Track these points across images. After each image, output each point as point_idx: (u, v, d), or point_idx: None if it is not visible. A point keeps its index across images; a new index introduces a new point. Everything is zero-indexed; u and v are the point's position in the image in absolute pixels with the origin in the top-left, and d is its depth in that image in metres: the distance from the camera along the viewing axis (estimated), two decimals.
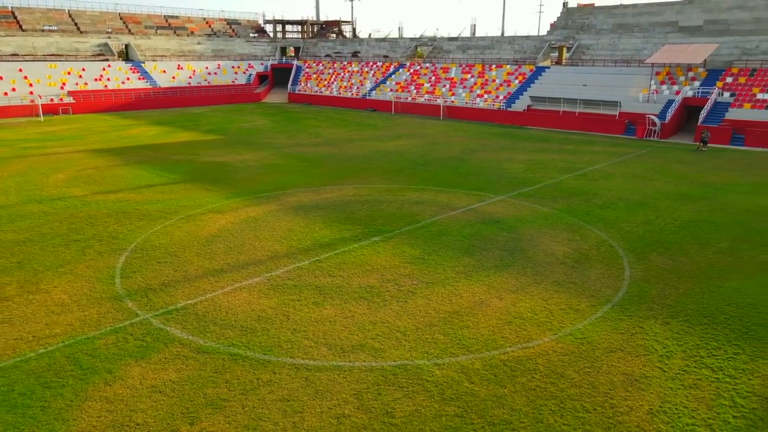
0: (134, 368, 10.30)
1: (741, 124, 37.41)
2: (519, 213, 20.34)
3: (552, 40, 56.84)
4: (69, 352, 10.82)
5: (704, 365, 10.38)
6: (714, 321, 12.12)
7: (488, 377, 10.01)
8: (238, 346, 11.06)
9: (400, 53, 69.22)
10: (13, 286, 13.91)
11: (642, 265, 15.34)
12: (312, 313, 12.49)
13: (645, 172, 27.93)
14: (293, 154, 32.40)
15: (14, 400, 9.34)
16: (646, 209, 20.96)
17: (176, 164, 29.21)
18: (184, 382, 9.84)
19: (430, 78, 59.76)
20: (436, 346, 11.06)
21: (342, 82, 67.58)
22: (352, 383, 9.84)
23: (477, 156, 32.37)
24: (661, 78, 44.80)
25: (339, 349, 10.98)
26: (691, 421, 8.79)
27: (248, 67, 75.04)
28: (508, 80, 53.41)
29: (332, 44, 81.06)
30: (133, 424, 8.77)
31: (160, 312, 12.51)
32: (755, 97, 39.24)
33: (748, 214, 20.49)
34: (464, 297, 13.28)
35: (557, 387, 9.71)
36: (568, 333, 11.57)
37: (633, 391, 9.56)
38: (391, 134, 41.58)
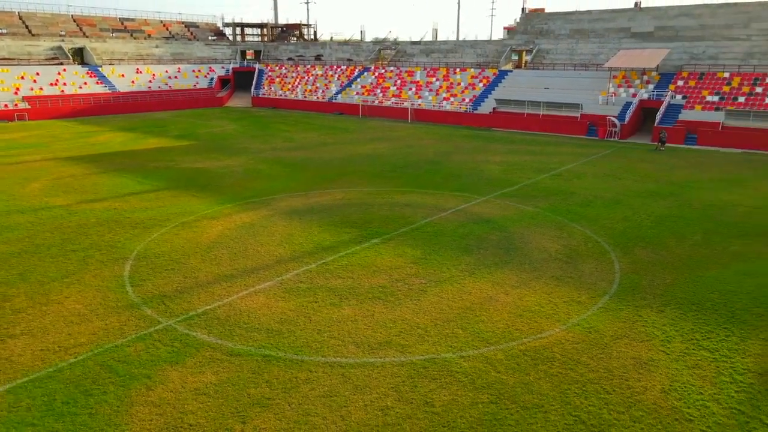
0: (171, 373, 10.54)
1: (693, 125, 39.84)
2: (506, 213, 21.30)
3: (513, 45, 58.70)
4: (101, 360, 10.94)
5: (702, 347, 11.45)
6: (702, 307, 13.28)
7: (512, 366, 10.76)
8: (268, 348, 11.43)
9: (363, 57, 69.84)
10: (22, 297, 13.78)
11: (628, 258, 16.49)
12: (332, 313, 12.96)
13: (613, 172, 29.52)
14: (272, 159, 32.53)
15: (59, 409, 9.46)
16: (622, 206, 22.31)
17: (156, 171, 28.91)
18: (225, 384, 10.17)
19: (395, 81, 60.64)
20: (458, 340, 11.74)
21: (307, 85, 67.66)
22: (387, 377, 10.40)
23: (453, 158, 33.34)
24: (618, 81, 47.09)
25: (367, 346, 11.51)
26: (700, 397, 9.77)
27: (209, 70, 74.04)
28: (472, 83, 54.86)
29: (294, 47, 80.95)
30: (186, 425, 9.06)
31: (181, 318, 12.71)
32: (705, 99, 41.83)
33: (713, 209, 22.11)
34: (473, 293, 14.02)
35: (576, 372, 10.55)
36: (575, 323, 12.47)
37: (644, 373, 10.50)
38: (363, 138, 42.15)
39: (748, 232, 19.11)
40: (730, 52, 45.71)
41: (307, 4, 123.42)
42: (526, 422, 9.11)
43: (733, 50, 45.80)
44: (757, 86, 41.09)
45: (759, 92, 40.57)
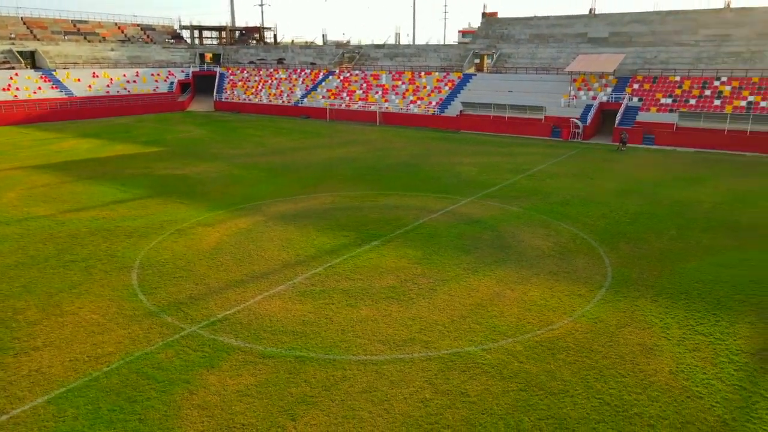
0: (209, 377, 10.80)
1: (650, 126, 42.14)
2: (493, 213, 22.23)
3: (476, 49, 60.26)
4: (135, 368, 11.08)
5: (697, 332, 12.56)
6: (690, 296, 14.46)
7: (532, 356, 11.54)
8: (298, 349, 11.82)
9: (327, 60, 70.08)
10: (33, 309, 13.64)
11: (615, 253, 17.64)
12: (351, 314, 13.44)
13: (584, 172, 31.02)
14: (250, 165, 32.53)
15: (106, 417, 9.61)
16: (599, 205, 23.63)
17: (133, 179, 28.49)
18: (266, 385, 10.52)
19: (361, 85, 61.20)
20: (476, 335, 12.45)
21: (271, 89, 67.35)
22: (419, 372, 10.99)
23: (429, 161, 34.19)
24: (578, 85, 49.16)
25: (392, 344, 12.07)
26: (704, 376, 10.80)
27: (168, 74, 72.56)
28: (438, 87, 56.03)
29: (255, 51, 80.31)
30: (238, 425, 9.39)
31: (203, 324, 12.92)
32: (659, 102, 44.28)
33: (680, 205, 23.71)
34: (480, 291, 14.78)
35: (591, 359, 11.42)
36: (581, 315, 13.40)
37: (652, 358, 11.47)
38: (336, 141, 42.53)
39: (715, 227, 20.66)
40: (680, 57, 48.49)
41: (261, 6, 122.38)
42: (557, 406, 9.88)
43: (682, 55, 48.60)
44: (706, 89, 43.81)
45: (708, 95, 43.27)
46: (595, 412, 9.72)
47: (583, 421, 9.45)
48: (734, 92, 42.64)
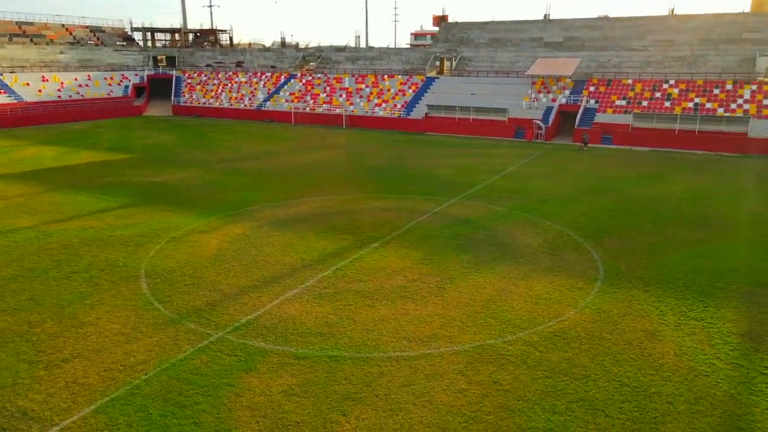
0: (251, 379, 11.13)
1: (608, 127, 44.40)
2: (480, 213, 23.19)
3: (437, 52, 61.57)
4: (173, 374, 11.27)
5: (690, 317, 13.78)
6: (676, 285, 15.76)
7: (549, 346, 12.43)
8: (329, 349, 12.28)
9: (287, 63, 69.90)
10: (49, 322, 13.51)
11: (601, 248, 18.87)
12: (371, 314, 13.99)
13: (554, 172, 32.54)
14: (229, 171, 32.40)
15: (160, 422, 9.82)
16: (576, 203, 24.99)
17: (111, 187, 27.95)
18: (309, 384, 10.95)
19: (324, 88, 61.45)
20: (494, 328, 13.24)
21: (231, 93, 66.62)
22: (450, 365, 11.67)
23: (405, 163, 34.97)
24: (537, 87, 51.14)
25: (418, 340, 12.70)
26: (705, 357, 11.96)
27: (122, 78, 70.59)
28: (402, 90, 56.98)
29: (212, 54, 79.12)
30: (292, 423, 9.81)
31: (229, 329, 13.18)
32: (614, 104, 46.71)
33: (649, 202, 25.38)
34: (487, 287, 15.61)
35: (603, 346, 12.41)
36: (584, 306, 14.42)
37: (656, 342, 12.57)
38: (309, 145, 42.74)
39: (685, 221, 22.30)
40: (631, 61, 51.24)
41: (210, 7, 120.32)
42: (583, 390, 10.77)
43: (633, 59, 51.37)
44: (656, 92, 46.53)
45: (658, 97, 45.99)
46: (618, 393, 10.67)
47: (610, 402, 10.37)
48: (682, 94, 45.49)
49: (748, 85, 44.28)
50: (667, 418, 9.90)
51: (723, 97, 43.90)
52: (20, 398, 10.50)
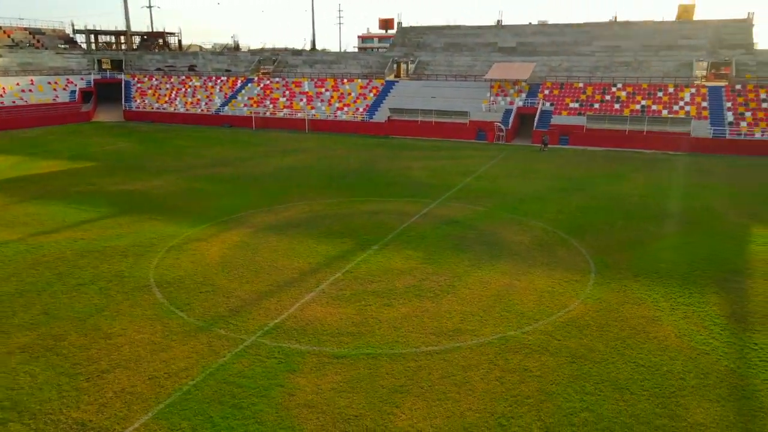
0: (298, 379, 11.61)
1: (564, 128, 46.75)
2: (465, 214, 24.26)
3: (395, 56, 62.66)
4: (220, 378, 11.59)
5: (680, 303, 15.25)
6: (661, 275, 17.28)
7: (565, 334, 13.52)
8: (364, 347, 12.89)
9: (243, 67, 69.18)
10: (74, 335, 13.44)
11: (586, 244, 20.29)
12: (393, 312, 14.68)
13: (522, 172, 34.15)
14: (203, 178, 32.16)
15: (223, 423, 10.17)
16: (551, 202, 26.51)
17: (85, 196, 27.26)
18: (355, 381, 11.54)
19: (284, 92, 61.32)
20: (510, 321, 14.22)
21: (186, 97, 65.32)
22: (480, 356, 12.54)
23: (378, 166, 35.73)
24: (495, 91, 53.09)
25: (444, 335, 13.50)
26: (702, 337, 13.37)
27: (67, 82, 67.82)
28: (363, 93, 57.70)
29: (161, 57, 77.16)
30: (351, 417, 10.39)
31: (260, 333, 13.55)
32: (569, 106, 49.20)
33: (615, 199, 27.24)
34: (493, 284, 16.61)
35: (612, 332, 13.62)
36: (586, 297, 15.65)
37: (657, 327, 13.90)
38: (276, 150, 42.76)
39: (651, 216, 24.17)
40: (581, 66, 54.04)
41: (150, 8, 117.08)
42: (605, 372, 11.88)
43: (582, 64, 54.20)
44: (606, 95, 49.36)
45: (608, 99, 48.81)
46: (636, 373, 11.85)
47: (631, 381, 11.53)
48: (629, 97, 48.48)
49: (687, 88, 47.73)
50: (683, 392, 11.13)
51: (666, 100, 47.13)
52: (72, 410, 10.57)
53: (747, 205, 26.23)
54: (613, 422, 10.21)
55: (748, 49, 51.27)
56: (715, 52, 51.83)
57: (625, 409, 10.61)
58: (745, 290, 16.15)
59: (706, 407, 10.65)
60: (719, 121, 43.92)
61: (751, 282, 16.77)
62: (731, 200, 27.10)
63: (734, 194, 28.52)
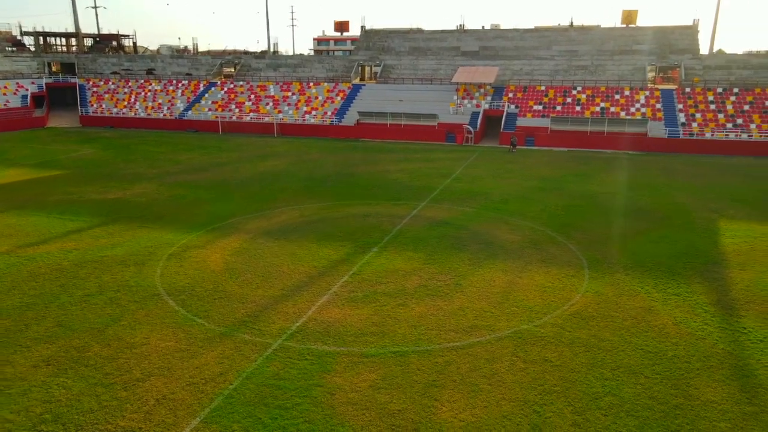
0: (333, 378, 12.03)
1: (529, 130, 48.45)
2: (453, 215, 25.08)
3: (360, 60, 63.20)
4: (257, 381, 11.88)
5: (671, 293, 16.47)
6: (647, 268, 18.53)
7: (574, 326, 14.44)
8: (390, 346, 13.42)
9: (204, 71, 68.15)
10: (96, 347, 13.39)
11: (574, 241, 21.43)
12: (408, 312, 15.25)
13: (497, 173, 35.35)
14: (183, 184, 31.81)
15: (274, 423, 10.50)
16: (532, 201, 27.69)
17: (65, 206, 26.59)
18: (389, 378, 12.06)
19: (249, 96, 60.84)
20: (521, 315, 15.05)
21: (146, 102, 63.83)
22: (501, 349, 13.28)
23: (357, 170, 36.19)
24: (461, 94, 54.40)
25: (462, 331, 14.18)
26: (697, 324, 14.56)
27: (17, 86, 65.08)
28: (330, 97, 57.95)
29: (117, 60, 75.03)
30: (394, 411, 10.91)
31: (285, 337, 13.86)
32: (532, 108, 51.01)
33: (589, 198, 28.69)
34: (496, 281, 17.43)
35: (616, 322, 14.63)
36: (585, 291, 16.67)
37: (655, 316, 15.02)
38: (250, 155, 42.57)
39: (626, 213, 25.66)
40: (541, 69, 56.08)
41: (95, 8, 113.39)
42: (618, 358, 12.84)
43: (542, 68, 56.25)
44: (567, 97, 51.45)
45: (569, 102, 50.89)
46: (645, 358, 12.85)
47: (643, 366, 12.51)
48: (589, 99, 50.71)
49: (642, 91, 50.35)
50: (691, 374, 12.20)
51: (623, 102, 49.57)
52: (118, 419, 10.66)
53: (708, 200, 28.15)
54: (635, 404, 11.13)
55: (695, 54, 54.51)
56: (665, 57, 54.83)
57: (643, 391, 11.56)
58: (725, 280, 17.56)
59: (714, 386, 11.72)
60: (673, 122, 46.57)
61: (728, 272, 18.23)
62: (694, 196, 29.01)
63: (695, 191, 30.51)
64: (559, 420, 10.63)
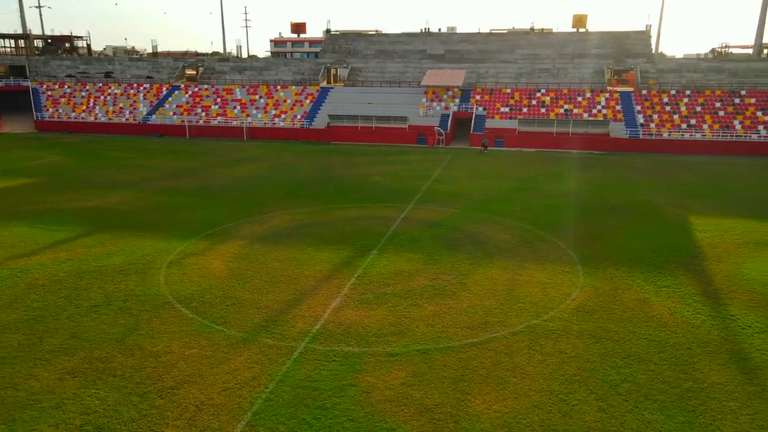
0: (365, 378, 12.43)
1: (498, 131, 49.87)
2: (442, 216, 25.78)
3: (327, 63, 63.34)
4: (292, 384, 12.15)
5: (661, 286, 17.62)
6: (634, 262, 19.69)
7: (580, 319, 15.31)
8: (412, 345, 13.92)
9: (166, 74, 66.80)
10: (119, 357, 13.34)
11: (562, 238, 22.47)
12: (422, 312, 15.78)
13: (473, 173, 36.35)
14: (163, 191, 31.36)
15: (317, 423, 10.84)
16: (513, 201, 28.73)
17: (45, 215, 25.85)
18: (419, 375, 12.55)
19: (215, 100, 60.07)
20: (529, 311, 15.82)
21: (106, 106, 62.08)
22: (517, 343, 13.99)
23: (337, 173, 36.49)
24: (430, 96, 55.39)
25: (477, 328, 14.82)
26: (690, 313, 15.68)
27: None
28: (299, 100, 57.89)
29: (71, 63, 72.56)
30: (432, 406, 11.42)
31: (308, 339, 14.16)
32: (500, 110, 52.49)
33: (566, 196, 29.98)
34: (498, 279, 18.19)
35: (617, 314, 15.59)
36: (583, 286, 17.62)
37: (651, 307, 16.07)
38: (224, 160, 42.19)
39: (603, 211, 27.00)
40: (506, 72, 57.72)
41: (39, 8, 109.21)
42: (627, 347, 13.74)
43: (507, 71, 57.90)
44: (532, 99, 53.18)
45: (535, 104, 52.63)
46: (651, 347, 13.82)
47: (650, 354, 13.46)
48: (553, 102, 52.58)
49: (602, 93, 52.60)
50: (694, 360, 13.22)
51: (585, 104, 51.65)
52: (162, 427, 10.75)
53: (673, 197, 29.90)
54: (650, 389, 12.02)
55: (649, 58, 57.31)
56: (621, 61, 57.40)
57: (655, 377, 12.48)
58: (705, 272, 18.89)
59: (717, 370, 12.77)
60: (632, 123, 48.88)
61: (707, 264, 19.59)
62: (660, 193, 30.74)
63: (660, 188, 32.31)
64: (585, 407, 11.39)
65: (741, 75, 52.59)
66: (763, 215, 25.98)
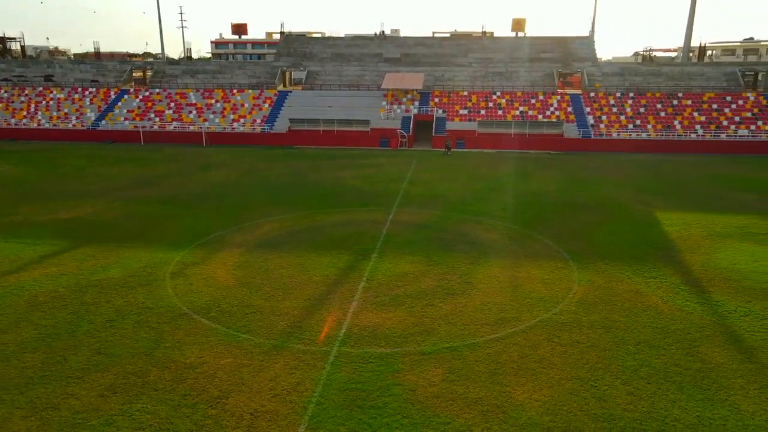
0: (407, 376, 12.98)
1: (459, 133, 51.30)
2: (427, 218, 26.57)
3: (282, 66, 62.96)
4: (337, 387, 12.53)
5: (649, 277, 19.09)
6: (620, 257, 21.16)
7: (586, 312, 16.43)
8: (440, 343, 14.56)
9: (113, 78, 64.36)
10: (155, 371, 13.24)
11: (547, 236, 23.74)
12: (439, 312, 16.46)
13: (444, 175, 37.40)
14: (136, 200, 30.53)
15: (376, 422, 11.29)
16: (489, 201, 29.92)
17: (17, 229, 24.73)
18: (456, 371, 13.22)
19: (169, 104, 58.48)
20: (538, 306, 16.82)
21: (50, 111, 59.14)
22: (536, 336, 14.92)
23: (309, 178, 36.60)
24: (389, 99, 56.21)
25: (494, 324, 15.65)
26: (681, 302, 17.14)
27: None
28: (257, 104, 57.28)
29: (6, 66, 68.52)
30: (477, 398, 12.11)
31: (338, 343, 14.53)
32: (459, 113, 53.99)
33: (537, 195, 31.51)
34: (501, 277, 19.12)
35: (618, 306, 16.84)
36: (579, 280, 18.82)
37: (646, 297, 17.44)
38: (191, 166, 41.33)
39: (576, 208, 28.61)
40: (461, 76, 59.38)
41: None
42: (635, 335, 14.94)
43: (462, 74, 59.58)
44: (489, 102, 55.02)
45: (491, 106, 54.49)
46: (656, 333, 15.08)
47: (657, 339, 14.71)
48: (508, 104, 54.62)
49: (554, 96, 55.11)
50: (696, 343, 14.57)
51: (539, 106, 53.97)
52: None
53: (633, 194, 32.02)
54: (666, 371, 13.20)
55: (594, 62, 60.49)
56: (569, 64, 60.31)
57: (668, 360, 13.70)
58: (683, 263, 20.58)
59: (719, 351, 14.15)
60: (584, 124, 51.55)
61: (682, 256, 21.33)
62: (620, 191, 32.82)
63: (619, 185, 34.46)
64: (615, 392, 12.41)
65: (677, 78, 56.49)
66: (719, 208, 28.35)
